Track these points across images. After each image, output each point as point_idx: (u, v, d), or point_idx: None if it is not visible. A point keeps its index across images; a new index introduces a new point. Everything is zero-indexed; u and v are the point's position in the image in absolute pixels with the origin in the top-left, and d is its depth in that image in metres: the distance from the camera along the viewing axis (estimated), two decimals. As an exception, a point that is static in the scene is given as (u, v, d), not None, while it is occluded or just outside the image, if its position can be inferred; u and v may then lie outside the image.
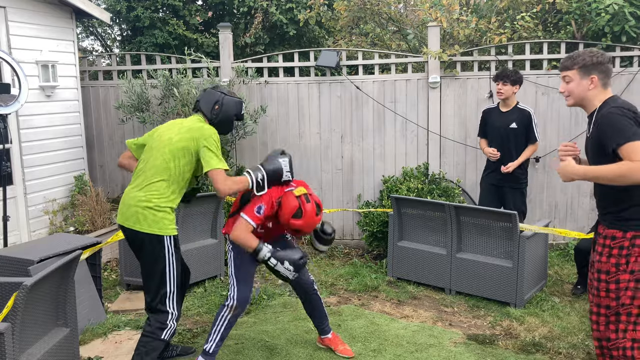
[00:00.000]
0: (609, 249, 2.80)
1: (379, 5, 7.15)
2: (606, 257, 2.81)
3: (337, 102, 6.20)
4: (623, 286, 2.75)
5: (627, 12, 5.61)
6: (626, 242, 2.74)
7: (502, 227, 4.53)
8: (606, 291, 2.80)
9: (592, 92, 2.82)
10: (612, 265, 2.78)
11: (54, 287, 3.08)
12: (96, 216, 5.81)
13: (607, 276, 2.79)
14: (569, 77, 2.87)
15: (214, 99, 3.33)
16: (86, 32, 9.38)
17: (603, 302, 2.82)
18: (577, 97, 2.88)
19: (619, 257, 2.76)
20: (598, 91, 2.82)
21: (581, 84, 2.84)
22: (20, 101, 4.76)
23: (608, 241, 2.81)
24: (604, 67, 2.80)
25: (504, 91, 4.91)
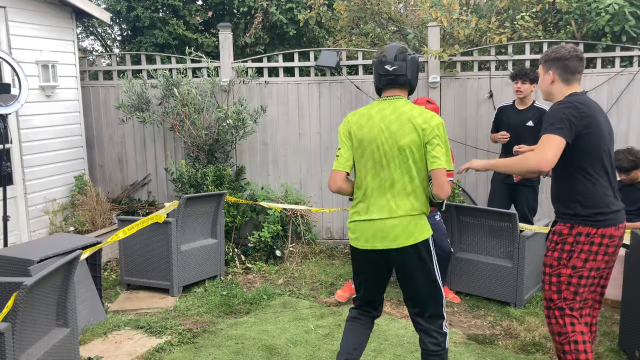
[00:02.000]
0: (554, 244, 2.87)
1: (379, 5, 7.15)
2: (551, 252, 2.88)
3: (337, 102, 6.20)
4: (564, 280, 2.82)
5: (627, 12, 5.61)
6: (570, 238, 2.80)
7: (502, 227, 4.53)
8: (549, 284, 2.88)
9: (553, 87, 2.87)
10: (554, 259, 2.85)
11: (54, 287, 3.08)
12: (96, 216, 5.82)
13: (550, 269, 2.87)
14: (539, 71, 2.98)
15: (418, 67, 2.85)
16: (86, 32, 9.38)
17: (547, 295, 2.90)
18: (543, 92, 2.96)
19: (561, 252, 2.83)
20: (560, 87, 2.85)
21: (544, 79, 2.92)
22: (20, 101, 4.76)
23: (555, 237, 2.87)
24: (562, 63, 2.83)
25: (523, 90, 4.92)
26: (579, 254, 2.79)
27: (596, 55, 5.77)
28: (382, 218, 2.75)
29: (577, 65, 2.85)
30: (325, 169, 6.27)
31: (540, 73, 2.97)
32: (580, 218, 2.80)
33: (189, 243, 4.93)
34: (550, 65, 2.86)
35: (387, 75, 2.76)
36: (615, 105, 5.72)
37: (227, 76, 6.29)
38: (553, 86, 2.87)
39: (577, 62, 2.85)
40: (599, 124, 2.78)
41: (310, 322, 4.25)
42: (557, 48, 2.89)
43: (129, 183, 6.76)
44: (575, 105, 2.72)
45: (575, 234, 2.79)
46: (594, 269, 2.82)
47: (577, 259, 2.79)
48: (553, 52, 2.88)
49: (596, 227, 2.78)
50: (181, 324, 4.24)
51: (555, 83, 2.86)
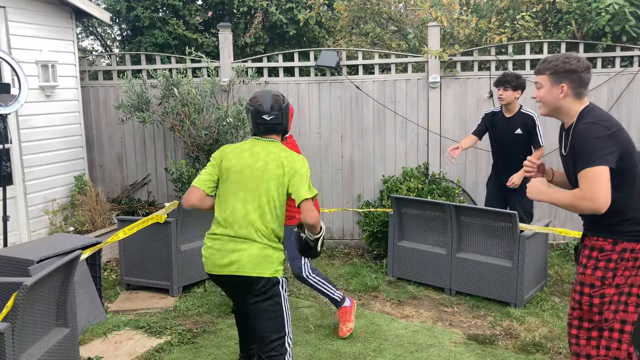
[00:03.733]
0: (595, 261, 2.60)
1: (379, 5, 7.15)
2: (591, 270, 2.60)
3: (337, 102, 6.20)
4: (607, 300, 2.57)
5: (627, 11, 5.61)
6: (615, 255, 2.56)
7: (502, 227, 4.53)
8: (589, 305, 2.61)
9: (564, 101, 2.60)
10: (597, 278, 2.58)
11: (54, 287, 3.08)
12: (96, 216, 5.81)
13: (591, 289, 2.60)
14: (539, 83, 2.66)
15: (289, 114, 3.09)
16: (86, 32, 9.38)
17: (585, 316, 2.63)
18: (550, 106, 2.66)
19: (605, 270, 2.57)
20: (571, 101, 2.60)
21: (551, 92, 2.62)
22: (20, 101, 4.76)
23: (595, 253, 2.61)
24: (576, 76, 2.57)
25: (505, 97, 4.82)
26: (623, 271, 2.56)
27: (596, 55, 5.77)
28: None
29: (589, 77, 2.63)
30: (325, 168, 6.27)
31: (542, 84, 2.66)
32: (627, 234, 2.56)
33: (189, 243, 4.92)
34: (562, 77, 2.58)
35: (265, 124, 2.91)
36: (616, 105, 5.72)
37: (227, 76, 6.28)
38: (563, 101, 2.60)
39: (589, 74, 2.63)
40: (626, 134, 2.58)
41: (310, 322, 4.25)
42: (569, 58, 2.61)
43: (129, 183, 6.76)
44: (605, 122, 2.51)
45: (620, 250, 2.55)
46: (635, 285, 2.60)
47: (621, 276, 2.57)
48: (564, 62, 2.59)
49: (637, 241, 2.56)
50: (181, 324, 4.24)
51: (567, 97, 2.59)
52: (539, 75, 2.67)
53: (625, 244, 2.55)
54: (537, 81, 2.69)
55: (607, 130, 2.49)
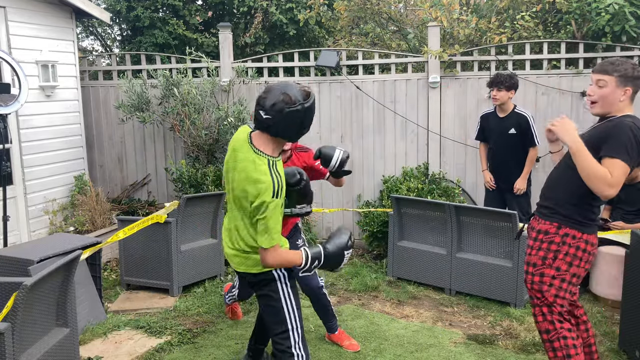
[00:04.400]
0: (539, 242, 2.84)
1: (379, 5, 7.15)
2: (535, 250, 2.85)
3: (337, 102, 6.20)
4: (546, 281, 2.81)
5: (627, 11, 5.61)
6: (557, 238, 2.78)
7: (502, 227, 4.53)
8: (531, 283, 2.88)
9: (621, 104, 2.77)
10: (539, 257, 2.83)
11: (54, 287, 3.08)
12: (96, 216, 5.81)
13: (533, 269, 2.86)
14: (604, 81, 2.77)
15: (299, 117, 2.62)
16: (86, 32, 9.38)
17: (532, 294, 2.89)
18: (607, 105, 2.79)
19: (547, 251, 2.81)
20: (626, 104, 2.78)
21: (615, 92, 2.76)
22: (20, 101, 4.76)
23: (541, 235, 2.84)
24: (639, 82, 2.77)
25: (499, 97, 4.86)
26: (564, 255, 2.78)
27: (596, 55, 5.77)
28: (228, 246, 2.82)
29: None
30: (325, 169, 6.26)
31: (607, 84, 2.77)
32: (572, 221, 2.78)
33: (189, 243, 4.92)
34: (629, 82, 2.74)
35: (258, 120, 2.55)
36: (615, 105, 5.72)
37: (227, 76, 6.29)
38: (622, 103, 2.77)
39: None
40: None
41: (310, 322, 4.25)
42: (636, 65, 2.78)
43: (129, 183, 6.76)
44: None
45: (563, 234, 2.78)
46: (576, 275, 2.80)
47: (561, 261, 2.78)
48: (633, 68, 2.76)
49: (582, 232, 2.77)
50: (181, 324, 4.24)
51: (625, 101, 2.77)
52: (605, 75, 2.77)
53: (567, 230, 2.77)
54: (600, 79, 2.78)
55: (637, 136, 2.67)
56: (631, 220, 4.62)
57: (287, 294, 2.75)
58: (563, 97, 5.80)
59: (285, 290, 2.75)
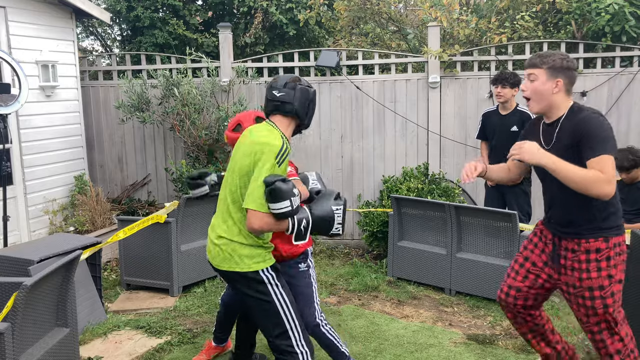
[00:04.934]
0: (595, 262, 2.65)
1: (379, 5, 7.15)
2: (596, 272, 2.65)
3: (337, 102, 6.20)
4: (618, 297, 2.69)
5: (627, 11, 5.61)
6: (611, 252, 2.65)
7: (502, 227, 4.53)
8: (604, 307, 2.67)
9: (556, 96, 2.69)
10: (604, 278, 2.65)
11: (54, 287, 3.08)
12: (96, 216, 5.82)
13: (601, 292, 2.66)
14: (534, 75, 2.70)
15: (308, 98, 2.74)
16: (86, 32, 9.37)
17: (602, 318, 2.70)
18: (542, 100, 2.71)
19: (609, 269, 2.64)
20: (562, 97, 2.70)
21: (546, 86, 2.68)
22: (20, 101, 4.76)
23: (593, 255, 2.65)
24: (570, 73, 2.69)
25: (504, 94, 4.86)
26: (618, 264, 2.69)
27: (596, 55, 5.77)
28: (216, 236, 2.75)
29: (576, 78, 2.78)
30: (325, 169, 6.27)
31: (537, 77, 2.71)
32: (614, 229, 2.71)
33: (189, 243, 4.92)
34: (559, 73, 2.67)
35: (274, 100, 2.66)
36: (615, 105, 5.73)
37: (227, 76, 6.29)
38: (557, 96, 2.69)
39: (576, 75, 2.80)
40: None
41: (310, 322, 4.25)
42: (564, 56, 2.70)
43: (129, 183, 6.76)
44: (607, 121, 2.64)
45: (613, 246, 2.67)
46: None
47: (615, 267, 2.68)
48: (562, 59, 2.67)
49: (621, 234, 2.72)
50: (181, 324, 4.24)
51: (559, 93, 2.69)
52: (534, 68, 2.71)
53: (615, 239, 2.69)
54: (530, 73, 2.72)
55: (609, 124, 2.62)
56: (631, 220, 4.62)
57: (279, 294, 2.67)
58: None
59: (277, 291, 2.67)
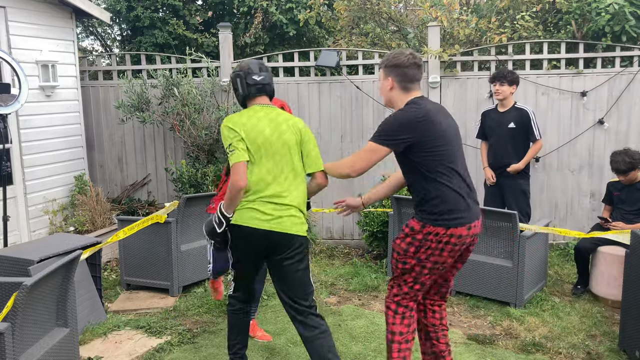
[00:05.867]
0: (404, 235, 2.86)
1: (379, 5, 7.15)
2: (399, 240, 2.87)
3: (337, 102, 6.20)
4: (408, 268, 2.85)
5: (627, 11, 5.61)
6: (419, 235, 2.79)
7: (502, 227, 4.53)
8: (395, 267, 2.92)
9: (392, 93, 2.83)
10: (401, 248, 2.85)
11: (54, 287, 3.08)
12: (96, 216, 5.81)
13: (397, 255, 2.89)
14: (380, 75, 2.91)
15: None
16: (86, 32, 9.37)
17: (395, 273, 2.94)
18: (384, 98, 2.92)
19: (408, 245, 2.82)
20: (398, 93, 2.83)
21: (383, 85, 2.88)
22: (20, 101, 4.76)
23: (407, 230, 2.86)
24: (400, 71, 2.79)
25: (501, 92, 4.92)
26: (426, 250, 2.78)
27: (596, 55, 5.77)
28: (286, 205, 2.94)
29: (415, 73, 2.82)
30: (325, 169, 6.26)
31: (380, 77, 2.92)
32: (430, 216, 2.77)
33: (189, 243, 4.92)
34: (389, 71, 2.83)
35: (256, 84, 3.03)
36: (615, 105, 5.73)
37: (227, 76, 6.28)
38: (392, 92, 2.85)
39: (416, 70, 2.82)
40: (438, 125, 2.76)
41: (310, 322, 4.24)
42: (397, 54, 2.83)
43: (129, 183, 6.76)
44: (414, 111, 2.74)
45: (426, 233, 2.77)
46: (439, 262, 2.83)
47: (423, 253, 2.80)
48: (391, 58, 2.83)
49: (446, 227, 2.74)
50: (181, 324, 4.24)
51: (393, 90, 2.84)
52: (379, 68, 2.94)
53: (428, 227, 2.76)
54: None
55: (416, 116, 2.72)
56: (631, 220, 4.62)
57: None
58: (563, 97, 5.80)
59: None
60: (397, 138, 2.73)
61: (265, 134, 2.91)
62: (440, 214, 2.74)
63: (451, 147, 2.79)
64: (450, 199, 2.76)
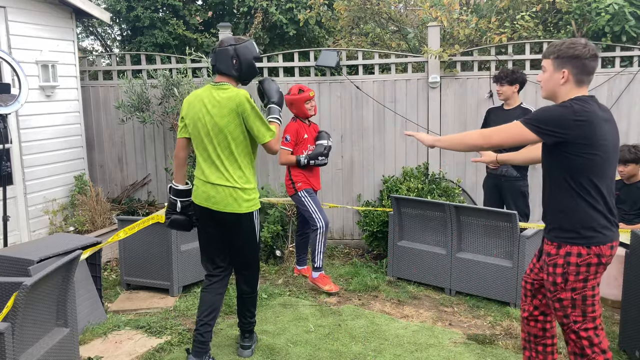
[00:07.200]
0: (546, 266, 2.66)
1: (379, 5, 7.15)
2: (545, 275, 2.68)
3: (337, 102, 6.20)
4: (567, 304, 2.62)
5: (627, 11, 5.61)
6: (560, 260, 2.59)
7: (502, 227, 4.53)
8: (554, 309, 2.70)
9: (564, 87, 2.58)
10: (550, 284, 2.65)
11: (54, 287, 3.08)
12: (96, 216, 5.81)
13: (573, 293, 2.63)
14: (544, 66, 2.64)
15: (229, 56, 3.29)
16: (86, 32, 9.37)
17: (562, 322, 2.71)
18: (549, 91, 2.65)
19: (555, 276, 2.62)
20: (570, 88, 2.57)
21: (553, 77, 2.60)
22: (20, 101, 4.76)
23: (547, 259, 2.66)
24: (580, 62, 2.53)
25: (503, 92, 4.95)
26: (575, 275, 2.58)
27: (596, 55, 5.77)
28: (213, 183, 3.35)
29: (595, 66, 2.58)
30: (325, 168, 6.26)
31: (546, 68, 2.63)
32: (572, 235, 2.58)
33: (189, 243, 4.92)
34: (566, 63, 2.54)
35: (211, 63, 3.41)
36: (615, 105, 5.73)
37: (227, 76, 6.27)
38: (563, 87, 2.57)
39: (595, 62, 2.58)
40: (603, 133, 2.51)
41: (310, 322, 4.25)
42: (575, 44, 2.55)
43: (129, 183, 6.76)
44: (577, 110, 2.47)
45: (564, 254, 2.59)
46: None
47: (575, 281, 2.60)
48: (569, 47, 2.54)
49: (588, 246, 2.55)
50: (181, 324, 4.24)
51: (567, 83, 2.57)
52: (544, 59, 2.65)
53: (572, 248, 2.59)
54: (542, 65, 2.66)
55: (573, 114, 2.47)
56: (631, 221, 4.63)
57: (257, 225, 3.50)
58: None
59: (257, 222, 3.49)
60: (547, 129, 2.49)
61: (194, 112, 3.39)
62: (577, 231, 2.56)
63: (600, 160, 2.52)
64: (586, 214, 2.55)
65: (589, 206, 2.54)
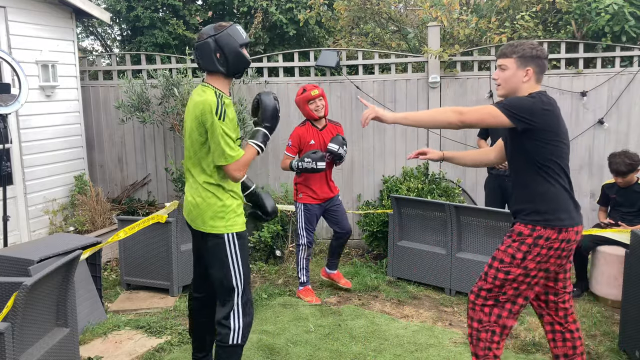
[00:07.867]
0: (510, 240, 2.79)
1: (379, 5, 7.15)
2: (504, 247, 2.80)
3: (337, 102, 6.20)
4: (511, 278, 2.76)
5: (627, 12, 5.61)
6: (529, 240, 2.72)
7: (502, 227, 4.53)
8: (493, 278, 2.80)
9: (526, 85, 2.79)
10: (507, 255, 2.77)
11: (54, 287, 3.08)
12: (96, 216, 5.82)
13: (500, 264, 2.79)
14: (505, 65, 2.82)
15: (210, 50, 2.86)
16: (86, 32, 9.37)
17: (485, 286, 2.83)
18: (509, 88, 2.84)
19: (516, 251, 2.74)
20: (531, 85, 2.80)
21: (516, 74, 2.80)
22: (20, 101, 4.76)
23: (514, 235, 2.78)
24: (541, 62, 2.80)
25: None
26: (534, 256, 2.71)
27: (596, 55, 5.77)
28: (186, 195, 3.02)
29: (547, 66, 2.89)
30: (325, 169, 6.26)
31: (508, 67, 2.81)
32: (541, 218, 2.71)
33: (189, 243, 4.91)
34: (529, 62, 2.77)
35: (195, 61, 3.00)
36: (615, 105, 5.73)
37: (227, 76, 6.27)
38: (525, 84, 2.79)
39: (547, 63, 2.89)
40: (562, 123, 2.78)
41: (310, 322, 4.25)
42: (534, 45, 2.81)
43: (129, 183, 6.76)
44: (544, 101, 2.70)
45: (536, 237, 2.70)
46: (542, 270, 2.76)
47: (531, 261, 2.71)
48: (531, 48, 2.79)
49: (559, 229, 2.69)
50: (181, 324, 4.24)
51: (529, 81, 2.79)
52: (504, 58, 2.83)
53: (539, 231, 2.70)
54: (501, 64, 2.85)
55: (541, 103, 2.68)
56: (631, 221, 4.62)
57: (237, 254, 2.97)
58: (563, 97, 5.80)
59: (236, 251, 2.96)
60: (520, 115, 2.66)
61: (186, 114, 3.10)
62: (553, 213, 2.70)
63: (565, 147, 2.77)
64: (561, 197, 2.72)
65: (563, 189, 2.74)
